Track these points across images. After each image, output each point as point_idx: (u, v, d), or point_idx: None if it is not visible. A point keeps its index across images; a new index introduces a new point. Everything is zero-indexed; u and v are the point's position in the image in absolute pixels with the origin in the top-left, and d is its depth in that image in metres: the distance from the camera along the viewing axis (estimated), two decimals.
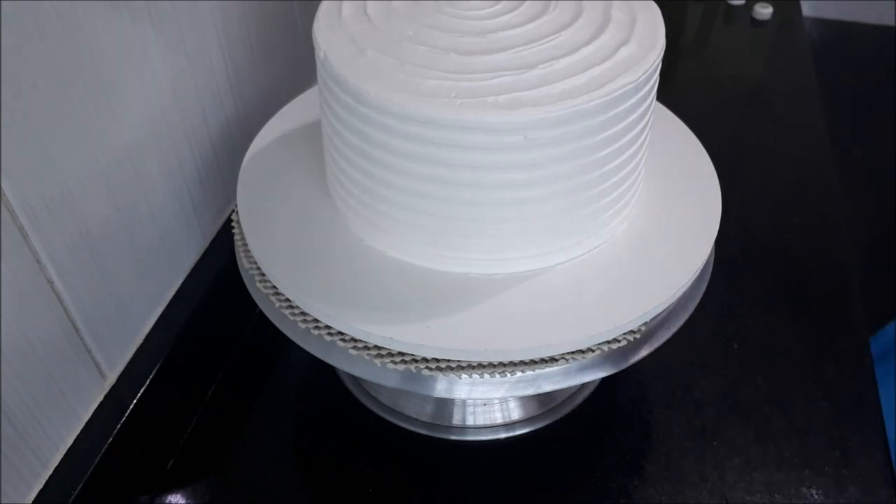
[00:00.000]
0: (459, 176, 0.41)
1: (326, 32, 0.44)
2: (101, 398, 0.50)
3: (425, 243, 0.45)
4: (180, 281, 0.57)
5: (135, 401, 0.50)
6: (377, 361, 0.43)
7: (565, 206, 0.43)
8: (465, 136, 0.39)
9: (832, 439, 0.56)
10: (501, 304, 0.44)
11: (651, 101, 0.45)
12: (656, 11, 0.46)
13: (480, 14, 0.45)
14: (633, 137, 0.44)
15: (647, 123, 0.45)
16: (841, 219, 0.73)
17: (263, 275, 0.47)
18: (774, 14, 1.02)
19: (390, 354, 0.43)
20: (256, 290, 0.48)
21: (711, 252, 0.49)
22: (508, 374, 0.43)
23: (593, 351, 0.43)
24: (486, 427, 0.56)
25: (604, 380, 0.59)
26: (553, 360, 0.43)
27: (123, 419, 0.49)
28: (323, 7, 0.46)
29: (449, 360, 0.43)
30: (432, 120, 0.39)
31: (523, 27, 0.44)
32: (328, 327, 0.44)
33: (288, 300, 0.46)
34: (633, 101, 0.42)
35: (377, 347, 0.43)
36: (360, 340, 0.43)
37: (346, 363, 0.44)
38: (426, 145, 0.40)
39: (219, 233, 0.61)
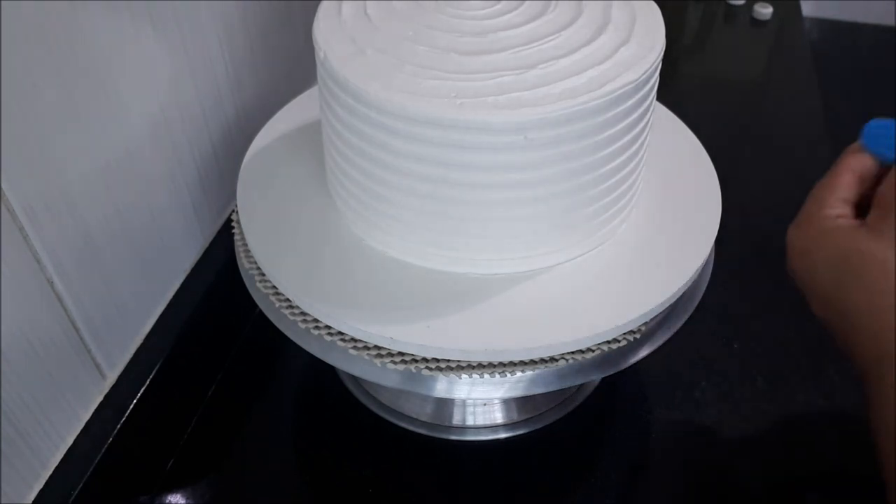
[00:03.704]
0: (459, 176, 0.41)
1: (326, 32, 0.44)
2: (101, 398, 0.50)
3: (425, 243, 0.45)
4: (180, 281, 0.57)
5: (135, 401, 0.50)
6: (377, 361, 0.43)
7: (565, 206, 0.43)
8: (466, 136, 0.39)
9: (832, 439, 0.56)
10: (501, 304, 0.44)
11: (651, 102, 0.45)
12: (656, 11, 0.46)
13: (480, 14, 0.45)
14: (633, 137, 0.44)
15: (647, 123, 0.45)
16: None
17: (263, 275, 0.47)
18: (774, 14, 1.02)
19: (390, 354, 0.43)
20: (256, 290, 0.48)
21: (711, 252, 0.49)
22: (508, 374, 0.43)
23: (593, 351, 0.43)
24: (486, 427, 0.56)
25: (604, 380, 0.59)
26: (553, 360, 0.43)
27: (123, 419, 0.49)
28: (323, 7, 0.46)
29: (449, 360, 0.43)
30: (432, 120, 0.39)
31: (523, 27, 0.44)
32: (328, 327, 0.44)
33: (288, 300, 0.46)
34: (633, 101, 0.42)
35: (377, 347, 0.43)
36: (360, 340, 0.43)
37: (346, 363, 0.44)
38: (426, 145, 0.40)
39: (219, 233, 0.61)
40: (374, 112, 0.41)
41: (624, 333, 0.44)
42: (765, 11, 1.01)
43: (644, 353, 0.45)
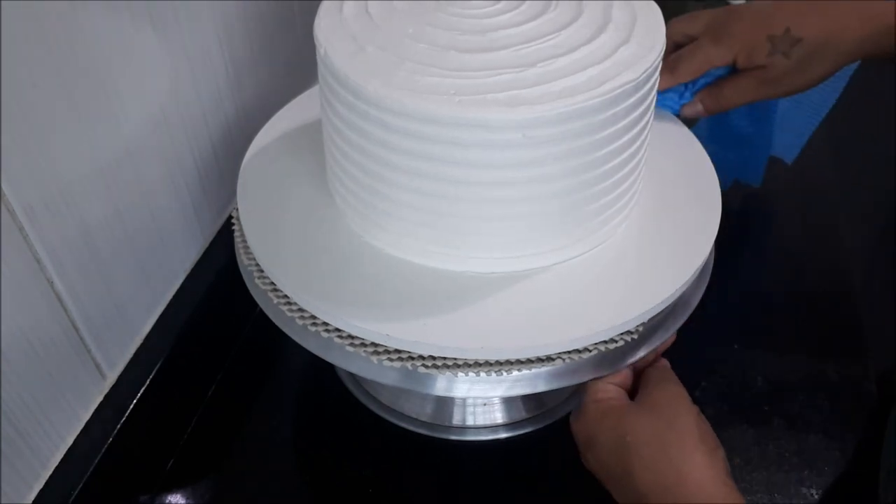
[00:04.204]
0: (457, 173, 0.41)
1: (327, 30, 0.44)
2: (101, 398, 0.50)
3: (424, 241, 0.45)
4: (180, 281, 0.57)
5: (135, 401, 0.50)
6: (374, 358, 0.43)
7: (564, 205, 0.43)
8: (464, 134, 0.39)
9: (832, 439, 0.56)
10: (499, 302, 0.44)
11: (651, 101, 0.45)
12: (657, 11, 0.46)
13: (481, 13, 0.45)
14: (632, 137, 0.44)
15: (646, 123, 0.45)
16: (841, 218, 0.73)
17: (262, 272, 0.47)
18: None
19: (387, 352, 0.43)
20: (256, 288, 0.48)
21: (711, 252, 0.49)
22: (505, 373, 0.43)
23: (590, 351, 0.43)
24: (486, 427, 0.56)
25: None
26: (550, 359, 0.43)
27: (123, 419, 0.49)
28: (324, 6, 0.46)
29: (445, 358, 0.43)
30: (431, 117, 0.39)
31: (523, 26, 0.44)
32: (325, 324, 0.44)
33: (286, 297, 0.46)
34: (632, 100, 0.42)
35: (375, 345, 0.43)
36: (359, 338, 0.43)
37: (344, 361, 0.44)
38: (425, 143, 0.40)
39: (219, 233, 0.61)
40: (373, 109, 0.40)
41: (621, 334, 0.44)
42: None
43: (642, 353, 0.45)
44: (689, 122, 0.57)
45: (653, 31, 0.44)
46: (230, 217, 0.53)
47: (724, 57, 0.53)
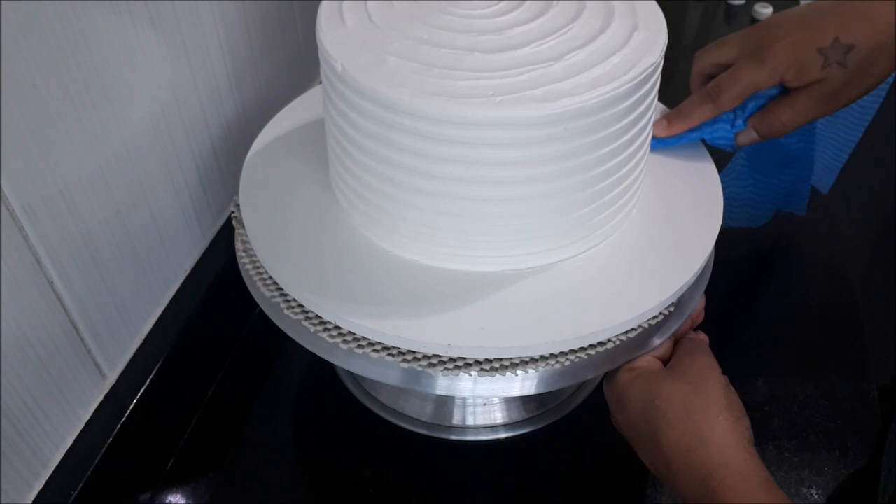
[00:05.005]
0: (492, 174, 0.41)
1: (337, 43, 0.42)
2: (101, 398, 0.50)
3: (438, 243, 0.45)
4: (180, 281, 0.57)
5: (135, 401, 0.50)
6: (376, 357, 0.43)
7: (580, 199, 0.43)
8: (505, 133, 0.39)
9: (832, 439, 0.56)
10: (502, 301, 0.44)
11: (658, 82, 0.45)
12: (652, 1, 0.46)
13: (486, 13, 0.44)
14: (647, 122, 0.44)
15: (655, 107, 0.46)
16: (841, 218, 0.73)
17: (263, 271, 0.47)
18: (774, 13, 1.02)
19: (387, 349, 0.43)
20: (256, 288, 0.48)
21: (711, 253, 0.49)
22: (508, 373, 0.43)
23: (593, 348, 0.44)
24: (486, 427, 0.56)
25: None
26: (552, 357, 0.43)
27: (123, 419, 0.49)
28: (324, 14, 0.44)
29: (448, 357, 0.43)
30: (473, 120, 0.39)
31: (534, 22, 0.44)
32: (327, 323, 0.44)
33: (287, 296, 0.46)
34: (650, 83, 0.42)
35: (376, 344, 0.43)
36: (360, 336, 0.43)
37: (346, 360, 0.44)
38: (463, 147, 0.40)
39: (219, 233, 0.61)
40: (407, 119, 0.40)
41: (622, 333, 0.44)
42: (765, 11, 1.01)
43: (656, 341, 0.46)
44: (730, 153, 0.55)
45: (655, 17, 0.45)
46: (230, 217, 0.53)
47: (769, 78, 0.50)
